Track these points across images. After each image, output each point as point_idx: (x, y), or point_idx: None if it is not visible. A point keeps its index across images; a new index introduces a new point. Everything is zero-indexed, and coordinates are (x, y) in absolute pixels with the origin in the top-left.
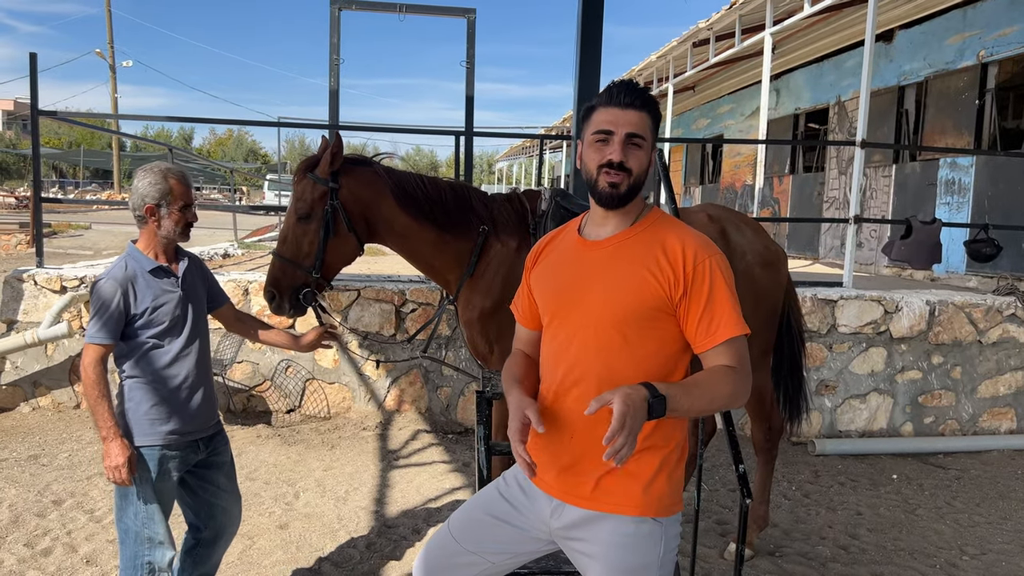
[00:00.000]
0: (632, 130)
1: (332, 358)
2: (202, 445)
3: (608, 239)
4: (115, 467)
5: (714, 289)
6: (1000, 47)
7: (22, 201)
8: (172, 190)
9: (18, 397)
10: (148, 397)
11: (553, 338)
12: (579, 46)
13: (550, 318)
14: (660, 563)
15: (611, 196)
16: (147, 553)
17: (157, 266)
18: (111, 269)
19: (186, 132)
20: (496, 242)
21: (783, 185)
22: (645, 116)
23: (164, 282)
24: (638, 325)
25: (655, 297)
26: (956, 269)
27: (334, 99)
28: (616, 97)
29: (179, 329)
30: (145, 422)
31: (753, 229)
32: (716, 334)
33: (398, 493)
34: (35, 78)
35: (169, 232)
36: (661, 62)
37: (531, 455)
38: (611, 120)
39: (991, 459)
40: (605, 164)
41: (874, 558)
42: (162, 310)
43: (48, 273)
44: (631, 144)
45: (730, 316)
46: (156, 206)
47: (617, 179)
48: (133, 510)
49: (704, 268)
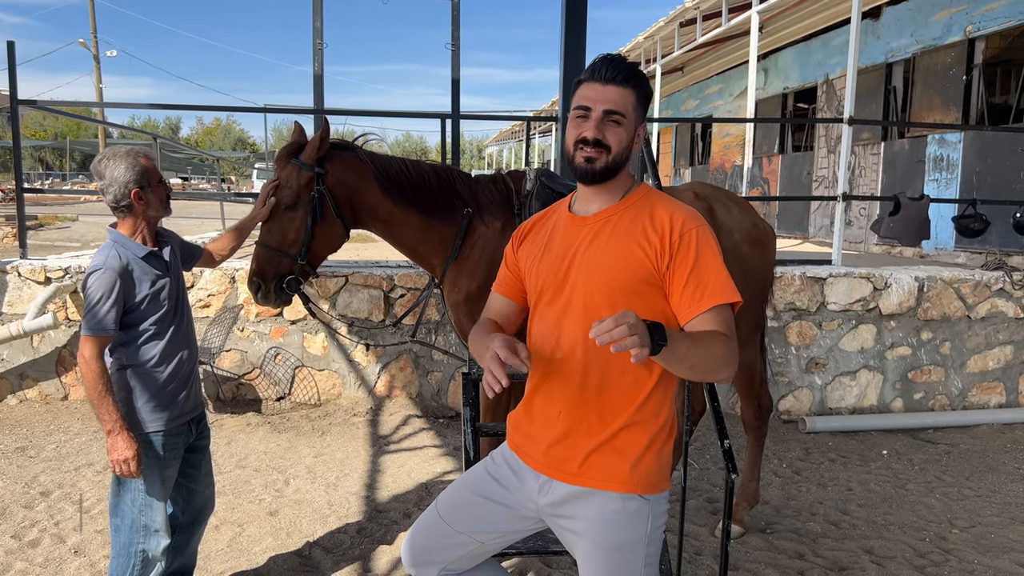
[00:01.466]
0: (610, 107)
1: (321, 345)
2: (193, 427)
3: (596, 214)
4: (123, 460)
5: (700, 257)
6: (987, 22)
7: (8, 194)
8: (146, 169)
9: (5, 389)
10: (148, 384)
11: (543, 317)
12: (564, 29)
13: (539, 295)
14: (648, 540)
15: (586, 171)
16: (142, 541)
17: (149, 252)
18: (104, 259)
19: (173, 122)
20: (480, 224)
21: (772, 165)
22: (627, 91)
23: (157, 267)
24: (626, 299)
25: (643, 269)
26: (945, 245)
27: (319, 84)
28: (597, 72)
29: (173, 313)
30: (147, 409)
31: (740, 207)
32: (702, 301)
33: (389, 478)
34: (13, 67)
35: (157, 209)
36: (648, 43)
37: (519, 431)
38: (590, 96)
39: (980, 433)
40: (580, 140)
41: (864, 533)
42: (160, 297)
43: (32, 264)
44: (610, 121)
45: (716, 283)
46: (141, 188)
47: (593, 154)
48: (131, 497)
49: (691, 237)
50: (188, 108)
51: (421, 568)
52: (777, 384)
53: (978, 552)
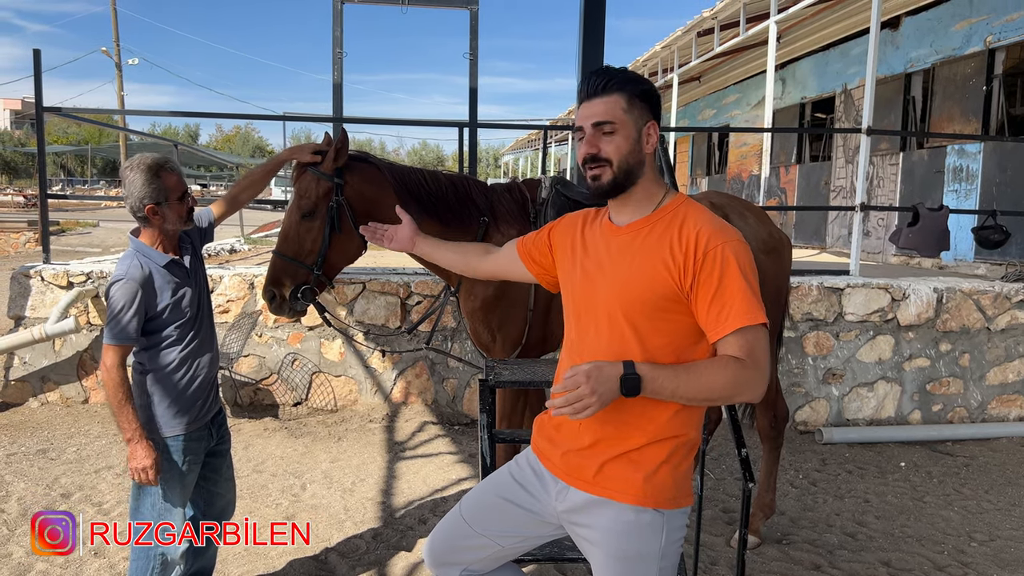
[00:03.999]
0: (597, 119)
1: (338, 351)
2: (213, 431)
3: (629, 225)
4: (141, 469)
5: (725, 276)
6: (1008, 32)
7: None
8: (166, 185)
9: (26, 392)
10: (168, 388)
11: (576, 323)
12: (581, 39)
13: (572, 301)
14: (662, 554)
15: (597, 188)
16: (161, 545)
17: (171, 260)
18: (126, 269)
19: (192, 129)
20: (496, 233)
21: (790, 175)
22: (613, 98)
23: (178, 275)
24: (648, 316)
25: (666, 287)
26: (964, 256)
27: (338, 93)
28: (582, 90)
29: (194, 320)
30: (168, 414)
31: (756, 216)
32: (725, 324)
33: (404, 484)
34: (39, 75)
35: (175, 224)
36: (665, 52)
37: (543, 435)
38: (582, 114)
39: (1000, 446)
40: (584, 160)
41: (882, 545)
42: (181, 305)
43: (55, 269)
44: (601, 133)
45: (741, 305)
46: (157, 204)
47: (596, 171)
48: (151, 501)
49: (716, 254)
50: (208, 116)
51: (442, 568)
52: (794, 394)
53: (997, 566)
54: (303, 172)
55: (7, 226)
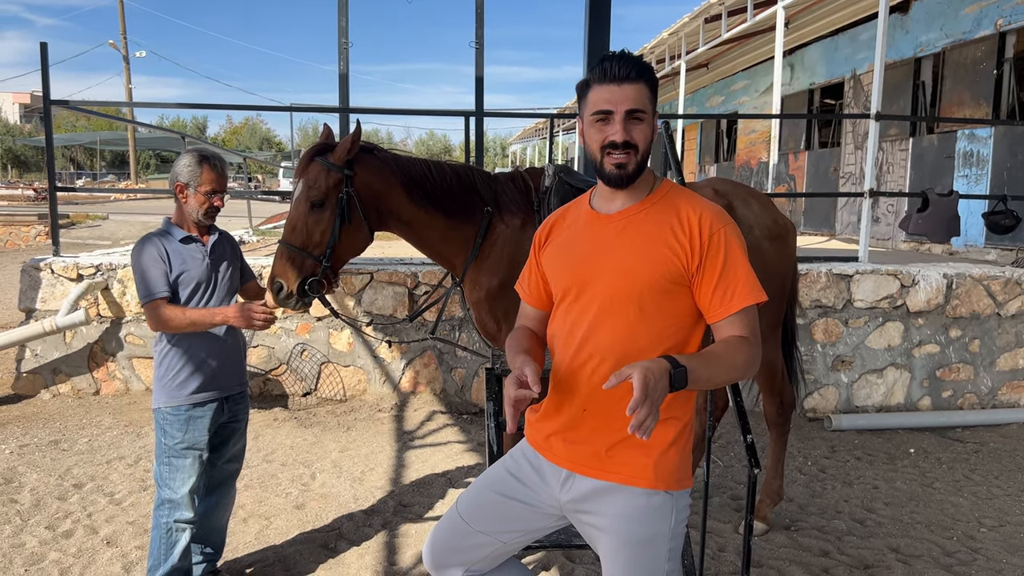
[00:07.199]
0: (632, 106)
1: (347, 341)
2: (226, 407)
3: (621, 212)
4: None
5: (729, 258)
6: (1018, 15)
7: (40, 193)
8: (202, 174)
9: (38, 384)
10: (179, 359)
11: (567, 313)
12: (587, 27)
13: (563, 293)
14: (671, 535)
15: (620, 177)
16: (166, 514)
17: (186, 235)
18: (146, 236)
19: (200, 121)
20: (500, 222)
21: (799, 161)
22: (642, 87)
23: (192, 248)
24: (655, 298)
25: (673, 270)
26: (975, 242)
27: (344, 83)
28: (611, 72)
29: (206, 292)
30: (178, 379)
31: (760, 203)
32: (731, 303)
33: (413, 473)
34: (47, 68)
35: (193, 211)
36: (673, 39)
37: (540, 427)
38: (609, 98)
39: (1010, 432)
40: (608, 145)
41: (891, 531)
42: (189, 273)
43: (64, 261)
44: (633, 119)
45: (744, 285)
46: (185, 185)
47: (624, 159)
48: (159, 471)
49: (720, 237)
50: (215, 107)
51: (442, 570)
52: (803, 382)
53: (1007, 551)
54: (312, 162)
55: (17, 219)
